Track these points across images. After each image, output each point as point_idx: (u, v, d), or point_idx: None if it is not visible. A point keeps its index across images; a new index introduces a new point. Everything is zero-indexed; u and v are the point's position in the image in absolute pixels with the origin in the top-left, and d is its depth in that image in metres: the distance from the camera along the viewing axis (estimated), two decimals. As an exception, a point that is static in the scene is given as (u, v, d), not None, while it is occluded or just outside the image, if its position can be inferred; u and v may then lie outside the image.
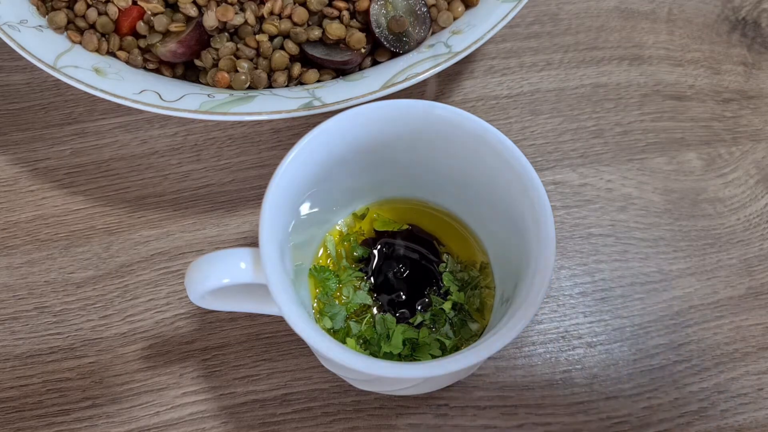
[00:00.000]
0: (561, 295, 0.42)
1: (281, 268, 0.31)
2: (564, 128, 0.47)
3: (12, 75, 0.49)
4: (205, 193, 0.45)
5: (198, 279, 0.32)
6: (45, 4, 0.45)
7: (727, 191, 0.45)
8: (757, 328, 0.41)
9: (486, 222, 0.38)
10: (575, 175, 0.46)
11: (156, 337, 0.40)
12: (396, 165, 0.37)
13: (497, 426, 0.38)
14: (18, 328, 0.41)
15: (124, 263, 0.43)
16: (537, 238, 0.31)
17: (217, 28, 0.44)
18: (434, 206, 0.39)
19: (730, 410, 0.39)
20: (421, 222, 0.39)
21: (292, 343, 0.40)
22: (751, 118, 0.48)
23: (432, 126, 0.34)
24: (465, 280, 0.37)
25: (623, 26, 0.52)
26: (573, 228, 0.44)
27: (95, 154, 0.46)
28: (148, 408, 0.39)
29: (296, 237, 0.35)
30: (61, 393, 0.39)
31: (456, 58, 0.42)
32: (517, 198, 0.33)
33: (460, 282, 0.37)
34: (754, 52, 0.51)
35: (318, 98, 0.41)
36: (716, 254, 0.43)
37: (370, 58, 0.45)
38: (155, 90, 0.42)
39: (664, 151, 0.47)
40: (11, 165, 0.46)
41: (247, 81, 0.43)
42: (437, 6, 0.45)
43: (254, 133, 0.47)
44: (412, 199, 0.40)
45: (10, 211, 0.44)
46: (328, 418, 0.38)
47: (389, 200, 0.40)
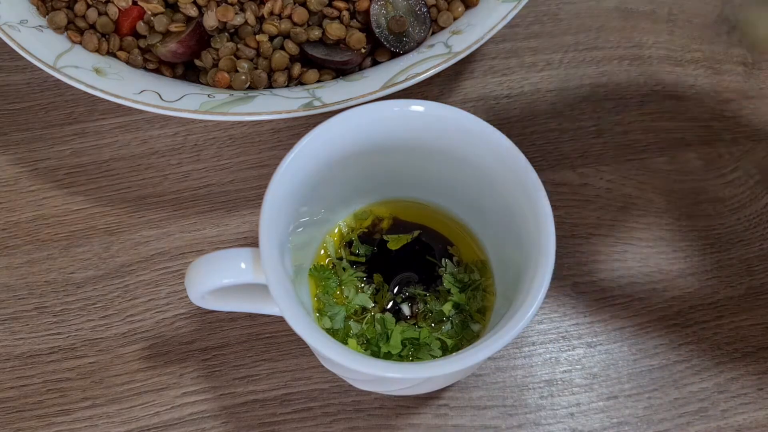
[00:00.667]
0: (561, 295, 0.42)
1: (281, 268, 0.31)
2: (564, 128, 0.47)
3: (12, 75, 0.49)
4: (205, 193, 0.45)
5: (198, 279, 0.32)
6: (45, 4, 0.45)
7: (727, 191, 0.45)
8: (757, 328, 0.41)
9: (486, 222, 0.38)
10: (575, 175, 0.46)
11: (156, 337, 0.40)
12: (396, 165, 0.37)
13: (497, 426, 0.38)
14: (18, 328, 0.41)
15: (124, 263, 0.43)
16: (537, 238, 0.31)
17: (217, 28, 0.44)
18: (434, 206, 0.39)
19: (730, 410, 0.39)
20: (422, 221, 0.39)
21: (292, 343, 0.40)
22: (751, 118, 0.48)
23: (432, 126, 0.34)
24: (466, 282, 0.37)
25: (623, 26, 0.52)
26: (573, 228, 0.44)
27: (95, 154, 0.46)
28: (148, 408, 0.39)
29: (296, 237, 0.35)
30: (61, 393, 0.39)
31: (456, 58, 0.42)
32: (517, 198, 0.33)
33: (461, 284, 0.37)
34: (754, 52, 0.51)
35: (318, 98, 0.41)
36: (716, 254, 0.43)
37: (370, 58, 0.45)
38: (155, 90, 0.42)
39: (664, 151, 0.47)
40: (11, 165, 0.46)
41: (247, 81, 0.43)
42: (437, 6, 0.45)
43: (254, 133, 0.47)
44: (411, 199, 0.40)
45: (11, 211, 0.44)
46: (328, 418, 0.38)
47: (390, 200, 0.40)
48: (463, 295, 0.36)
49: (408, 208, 0.39)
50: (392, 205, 0.40)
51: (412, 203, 0.39)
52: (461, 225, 0.39)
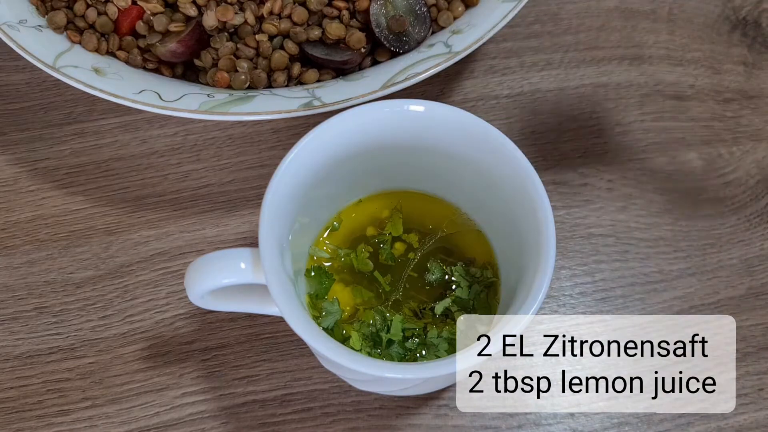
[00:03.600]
0: (561, 295, 0.42)
1: (281, 268, 0.31)
2: (564, 128, 0.47)
3: (12, 75, 0.49)
4: (204, 193, 0.45)
5: (198, 279, 0.32)
6: (44, 4, 0.45)
7: (727, 191, 0.45)
8: (758, 328, 0.41)
9: (490, 222, 0.37)
10: (575, 174, 0.46)
11: (156, 337, 0.40)
12: (396, 165, 0.37)
13: (497, 426, 0.38)
14: (17, 328, 0.41)
15: (123, 263, 0.43)
16: (537, 238, 0.31)
17: (217, 28, 0.44)
18: (441, 198, 0.39)
19: (729, 410, 0.39)
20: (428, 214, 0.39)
21: (292, 344, 0.40)
22: (751, 118, 0.48)
23: (432, 126, 0.34)
24: (477, 277, 0.36)
25: (624, 26, 0.51)
26: (573, 228, 0.44)
27: (95, 154, 0.46)
28: (147, 408, 0.39)
29: (296, 236, 0.35)
30: (60, 393, 0.39)
31: (456, 58, 0.42)
32: (518, 198, 0.33)
33: (471, 278, 0.36)
34: (755, 52, 0.51)
35: (318, 98, 0.41)
36: (717, 254, 0.43)
37: (370, 57, 0.45)
38: (155, 90, 0.42)
39: (664, 151, 0.47)
40: (11, 165, 0.46)
41: (247, 81, 0.43)
42: (437, 6, 0.45)
43: (254, 133, 0.47)
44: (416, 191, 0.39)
45: (10, 211, 0.44)
46: (328, 418, 0.38)
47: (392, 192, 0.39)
48: (468, 290, 0.36)
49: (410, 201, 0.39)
50: (393, 197, 0.39)
51: (415, 194, 0.39)
52: (470, 221, 0.38)
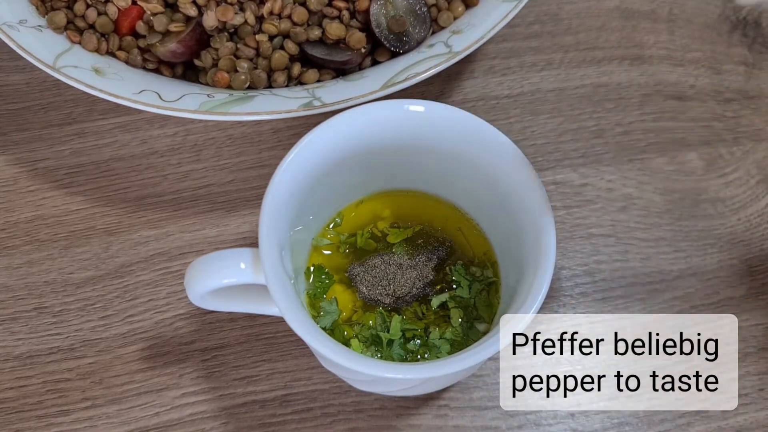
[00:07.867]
0: (561, 295, 0.42)
1: (281, 268, 0.31)
2: (564, 128, 0.47)
3: (12, 75, 0.49)
4: (204, 193, 0.45)
5: (198, 279, 0.32)
6: (44, 4, 0.45)
7: (728, 191, 0.45)
8: (758, 328, 0.41)
9: (491, 221, 0.37)
10: (576, 175, 0.46)
11: (156, 337, 0.40)
12: (396, 164, 0.37)
13: (497, 426, 0.38)
14: (17, 328, 0.41)
15: (123, 263, 0.43)
16: (537, 238, 0.31)
17: (217, 28, 0.44)
18: (439, 199, 0.39)
19: (730, 410, 0.39)
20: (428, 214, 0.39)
21: (292, 344, 0.40)
22: (752, 118, 0.48)
23: (432, 126, 0.34)
24: (477, 276, 0.36)
25: (624, 26, 0.51)
26: (574, 228, 0.44)
27: (95, 154, 0.46)
28: (147, 408, 0.39)
29: (296, 236, 0.35)
30: (60, 393, 0.39)
31: (456, 58, 0.42)
32: (518, 198, 0.33)
33: (471, 276, 0.36)
34: (755, 52, 0.51)
35: (318, 98, 0.41)
36: (717, 254, 0.43)
37: (370, 58, 0.45)
38: (155, 90, 0.42)
39: (664, 151, 0.47)
40: (11, 165, 0.46)
41: (247, 81, 0.43)
42: (437, 6, 0.45)
43: (254, 133, 0.47)
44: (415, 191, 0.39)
45: (10, 211, 0.44)
46: (328, 418, 0.38)
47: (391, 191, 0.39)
48: (469, 289, 0.36)
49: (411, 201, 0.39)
50: (394, 197, 0.39)
51: (416, 194, 0.39)
52: (470, 221, 0.38)
